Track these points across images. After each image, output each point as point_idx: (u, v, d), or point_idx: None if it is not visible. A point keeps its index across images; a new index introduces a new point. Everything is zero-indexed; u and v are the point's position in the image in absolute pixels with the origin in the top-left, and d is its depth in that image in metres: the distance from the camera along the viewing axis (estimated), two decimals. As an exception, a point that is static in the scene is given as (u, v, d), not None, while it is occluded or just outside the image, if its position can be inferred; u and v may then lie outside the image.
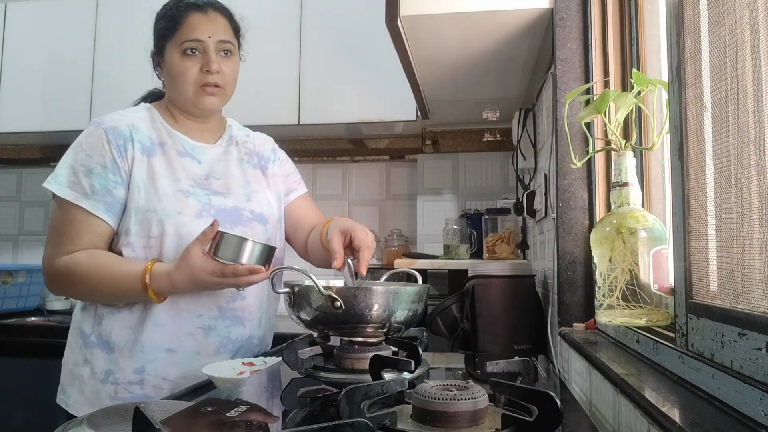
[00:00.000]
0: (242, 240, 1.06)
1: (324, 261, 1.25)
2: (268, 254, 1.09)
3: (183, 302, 1.16)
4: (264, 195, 1.31)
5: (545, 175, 1.43)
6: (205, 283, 1.07)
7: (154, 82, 1.36)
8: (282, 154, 1.43)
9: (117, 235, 1.17)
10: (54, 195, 1.15)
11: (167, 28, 1.21)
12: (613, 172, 0.84)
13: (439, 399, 0.63)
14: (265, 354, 1.27)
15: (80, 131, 1.19)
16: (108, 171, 1.14)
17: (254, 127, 1.45)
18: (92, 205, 1.13)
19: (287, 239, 1.40)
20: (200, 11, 1.21)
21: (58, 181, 1.14)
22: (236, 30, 1.27)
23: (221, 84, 1.21)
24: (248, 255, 1.05)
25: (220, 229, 1.07)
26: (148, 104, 1.27)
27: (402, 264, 1.90)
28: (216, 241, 1.05)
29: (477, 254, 2.09)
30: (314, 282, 0.85)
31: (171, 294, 1.13)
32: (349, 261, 1.06)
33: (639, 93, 0.82)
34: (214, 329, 1.19)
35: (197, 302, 1.17)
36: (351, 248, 1.10)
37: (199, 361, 1.15)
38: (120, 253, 1.15)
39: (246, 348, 1.25)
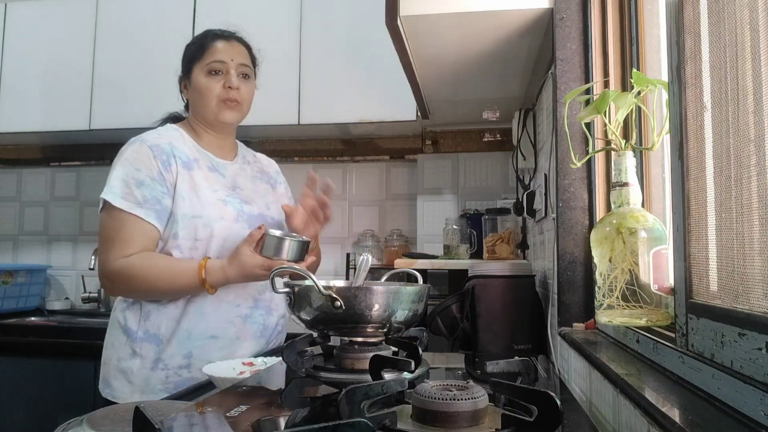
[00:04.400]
0: (281, 239, 1.27)
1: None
2: (304, 247, 1.30)
3: (223, 294, 1.32)
4: (276, 207, 1.48)
5: (545, 175, 1.43)
6: (255, 276, 1.25)
7: (154, 82, 1.36)
8: (283, 178, 1.64)
9: (164, 240, 1.31)
10: (105, 205, 1.29)
11: (195, 52, 1.40)
12: (613, 172, 0.84)
13: (439, 399, 0.63)
14: (265, 354, 1.28)
15: (80, 131, 1.24)
16: (156, 182, 1.30)
17: (254, 127, 1.48)
18: (145, 213, 1.28)
19: None
20: (224, 39, 1.42)
21: (113, 192, 1.28)
22: (253, 60, 1.47)
23: (240, 100, 1.40)
24: (287, 250, 1.27)
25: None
26: (173, 125, 1.44)
27: (402, 264, 1.90)
28: (262, 240, 1.25)
29: (477, 254, 2.09)
30: (314, 282, 0.85)
31: (223, 286, 1.29)
32: (367, 256, 1.06)
33: (639, 93, 0.82)
34: (251, 317, 1.36)
35: (235, 294, 1.34)
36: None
37: (239, 345, 1.33)
38: (170, 255, 1.30)
39: (275, 333, 1.43)
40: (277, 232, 1.29)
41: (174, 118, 1.53)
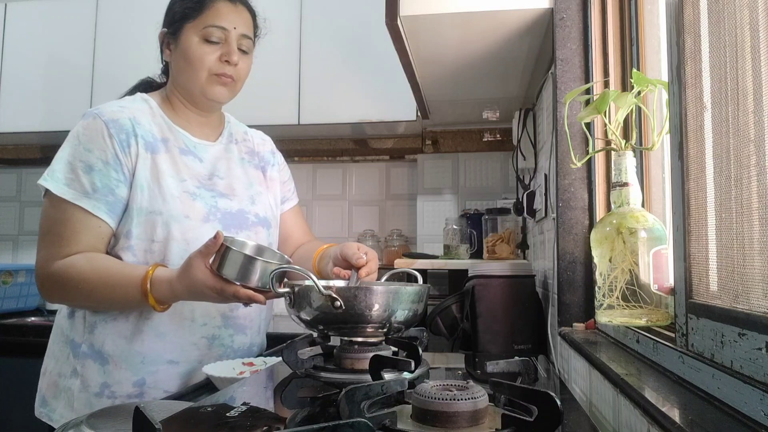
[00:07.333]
0: (251, 259, 0.92)
1: None
2: (280, 275, 0.92)
3: (186, 311, 1.10)
4: (265, 198, 1.28)
5: (545, 175, 1.43)
6: (206, 297, 0.97)
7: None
8: (280, 158, 1.39)
9: (115, 238, 1.09)
10: (47, 192, 1.06)
11: (190, 8, 1.14)
12: (613, 172, 0.84)
13: (439, 399, 0.63)
14: (265, 354, 1.27)
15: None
16: (110, 168, 1.06)
17: (254, 128, 1.45)
18: (93, 205, 1.04)
19: None
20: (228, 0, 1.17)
21: (54, 177, 1.05)
22: (255, 30, 1.23)
23: (235, 77, 1.17)
24: (258, 276, 0.92)
25: (226, 239, 0.94)
26: (144, 94, 1.20)
27: (402, 264, 1.90)
28: (220, 254, 0.93)
29: (477, 254, 2.09)
30: (314, 282, 0.85)
31: (173, 302, 1.04)
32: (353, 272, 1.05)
33: (639, 93, 0.82)
34: (218, 338, 1.14)
35: (201, 311, 1.12)
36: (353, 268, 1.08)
37: (199, 370, 1.10)
38: (118, 258, 1.07)
39: (247, 356, 1.22)
40: (248, 245, 0.97)
41: (146, 85, 1.27)
